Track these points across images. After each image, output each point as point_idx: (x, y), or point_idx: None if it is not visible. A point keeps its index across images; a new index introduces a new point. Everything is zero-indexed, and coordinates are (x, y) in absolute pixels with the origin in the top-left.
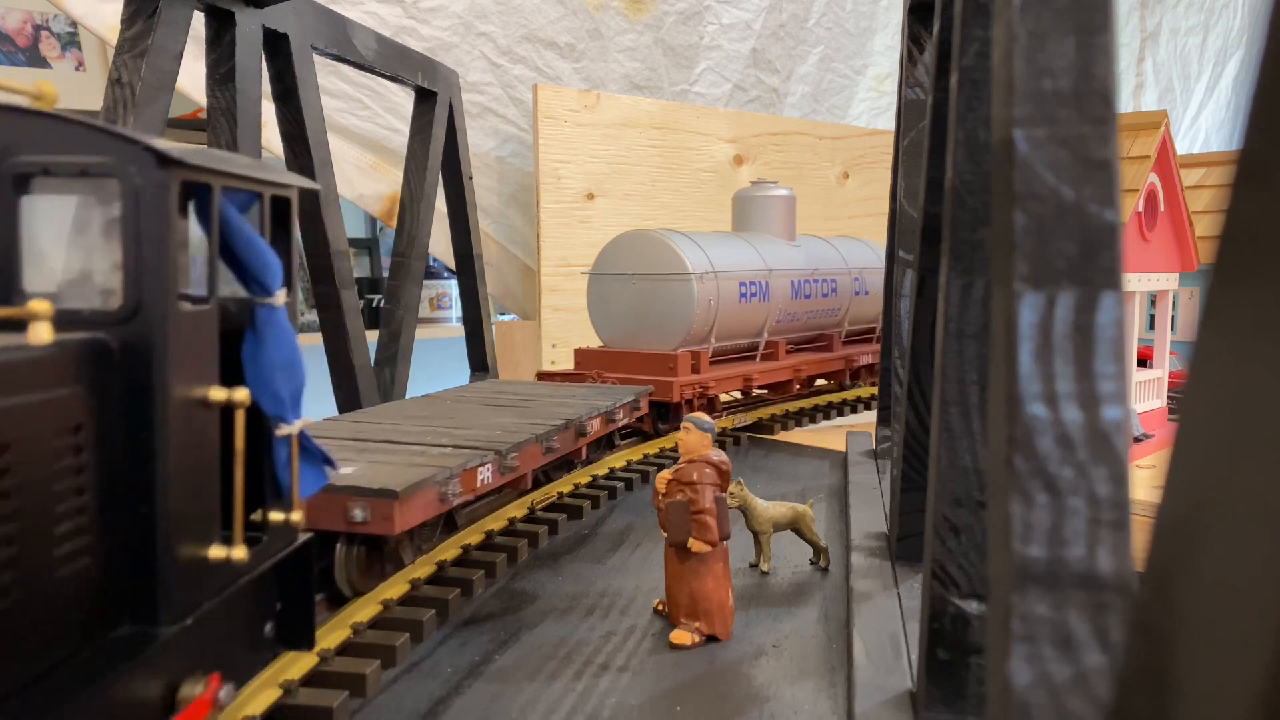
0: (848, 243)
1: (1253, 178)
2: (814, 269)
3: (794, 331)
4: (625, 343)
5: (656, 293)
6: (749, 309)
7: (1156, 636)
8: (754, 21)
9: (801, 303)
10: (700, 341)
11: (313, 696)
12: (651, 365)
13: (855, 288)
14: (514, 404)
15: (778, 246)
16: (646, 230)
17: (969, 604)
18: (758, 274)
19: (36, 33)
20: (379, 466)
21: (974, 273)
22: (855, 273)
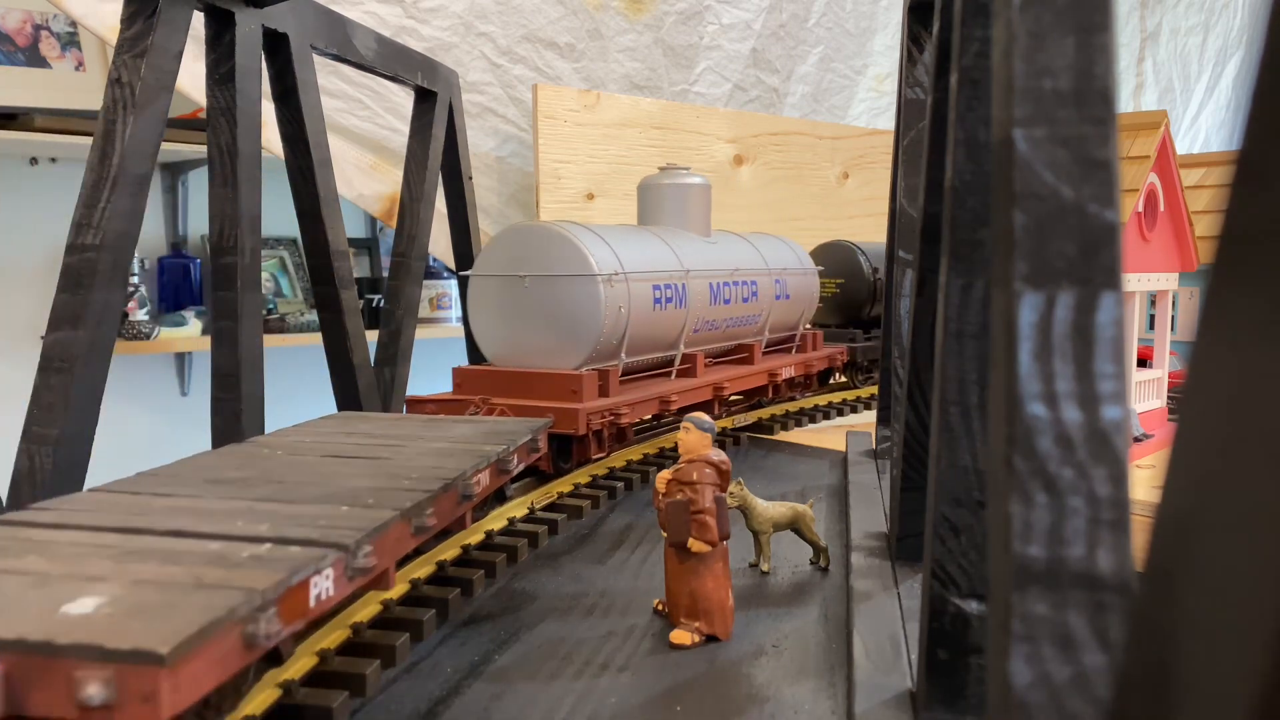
0: (767, 240)
1: (1253, 178)
2: (734, 269)
3: (712, 342)
4: (517, 360)
5: (555, 298)
6: (664, 317)
7: (1156, 636)
8: (754, 21)
9: (721, 309)
10: (609, 357)
11: (313, 696)
12: (550, 388)
13: (776, 291)
14: (371, 453)
15: (694, 243)
16: (541, 222)
17: (969, 604)
18: (673, 275)
19: (36, 33)
20: (141, 591)
21: (974, 273)
22: (776, 274)
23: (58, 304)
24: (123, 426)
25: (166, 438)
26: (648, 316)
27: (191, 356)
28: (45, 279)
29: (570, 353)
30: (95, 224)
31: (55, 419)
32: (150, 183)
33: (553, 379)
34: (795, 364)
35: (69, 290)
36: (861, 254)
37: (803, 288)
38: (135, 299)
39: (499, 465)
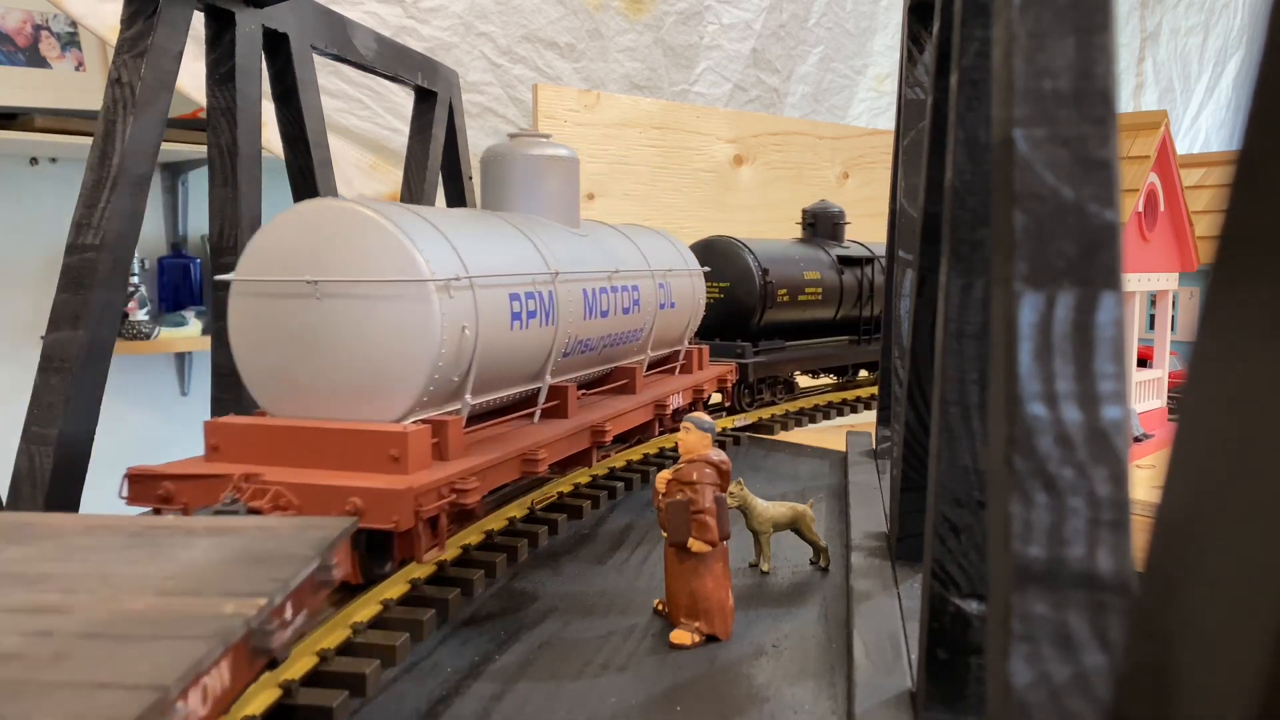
0: (644, 234)
1: (1253, 178)
2: (612, 271)
3: (586, 368)
4: (304, 409)
5: (364, 316)
6: (526, 338)
7: (1156, 636)
8: (754, 21)
9: (597, 323)
10: (447, 400)
11: (313, 696)
12: (357, 453)
13: (660, 298)
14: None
15: (561, 237)
16: (342, 201)
17: (969, 604)
18: (538, 280)
19: (36, 33)
20: None
21: (974, 273)
22: (660, 276)
23: (58, 304)
24: (123, 426)
25: (166, 438)
26: (504, 338)
27: (191, 356)
28: (45, 279)
29: (388, 397)
30: (95, 224)
31: (55, 419)
32: (150, 183)
33: (361, 439)
34: (684, 390)
35: (69, 290)
36: (749, 253)
37: (688, 293)
38: (135, 299)
39: (250, 643)
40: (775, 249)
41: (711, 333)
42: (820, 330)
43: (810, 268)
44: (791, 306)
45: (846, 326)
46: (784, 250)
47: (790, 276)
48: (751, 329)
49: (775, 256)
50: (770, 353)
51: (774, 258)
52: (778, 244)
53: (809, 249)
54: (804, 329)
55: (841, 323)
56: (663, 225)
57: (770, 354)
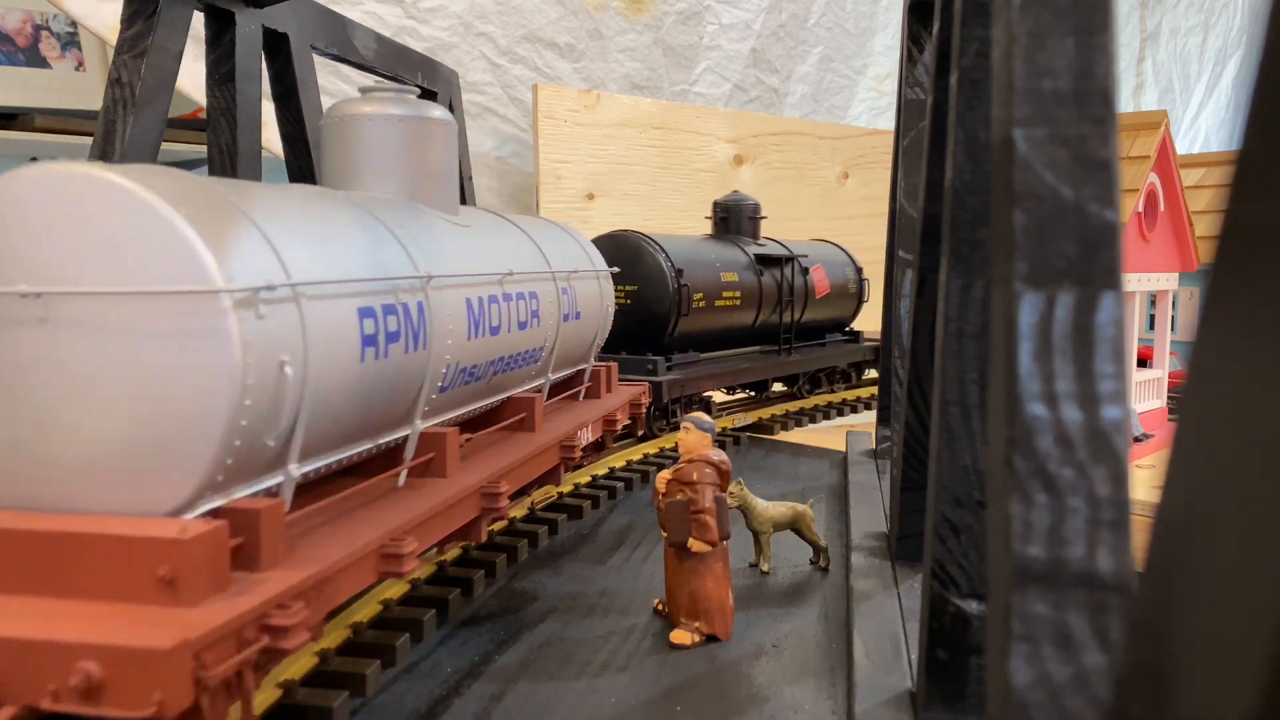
0: (540, 226)
1: (1252, 178)
2: (505, 273)
3: (471, 403)
4: (23, 495)
5: (117, 348)
6: (385, 370)
7: (1156, 636)
8: (754, 21)
9: (485, 344)
10: (259, 473)
11: (312, 696)
12: (100, 572)
13: (565, 307)
14: None
15: (435, 228)
16: (78, 167)
17: (969, 604)
18: (402, 288)
19: (36, 33)
20: None
21: (974, 273)
22: (564, 279)
23: None
24: None
25: None
26: (350, 373)
27: None
28: None
29: (157, 477)
30: None
31: None
32: None
33: (108, 550)
34: (593, 421)
35: None
36: (659, 250)
37: (595, 299)
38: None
39: None
40: (687, 246)
41: (615, 345)
42: (737, 340)
43: (727, 268)
44: (708, 313)
45: (765, 335)
46: (697, 248)
47: (706, 278)
48: (664, 340)
49: (688, 255)
50: (686, 368)
51: (687, 257)
52: (688, 240)
53: (724, 247)
54: (720, 339)
55: (760, 331)
56: (663, 225)
57: (686, 369)
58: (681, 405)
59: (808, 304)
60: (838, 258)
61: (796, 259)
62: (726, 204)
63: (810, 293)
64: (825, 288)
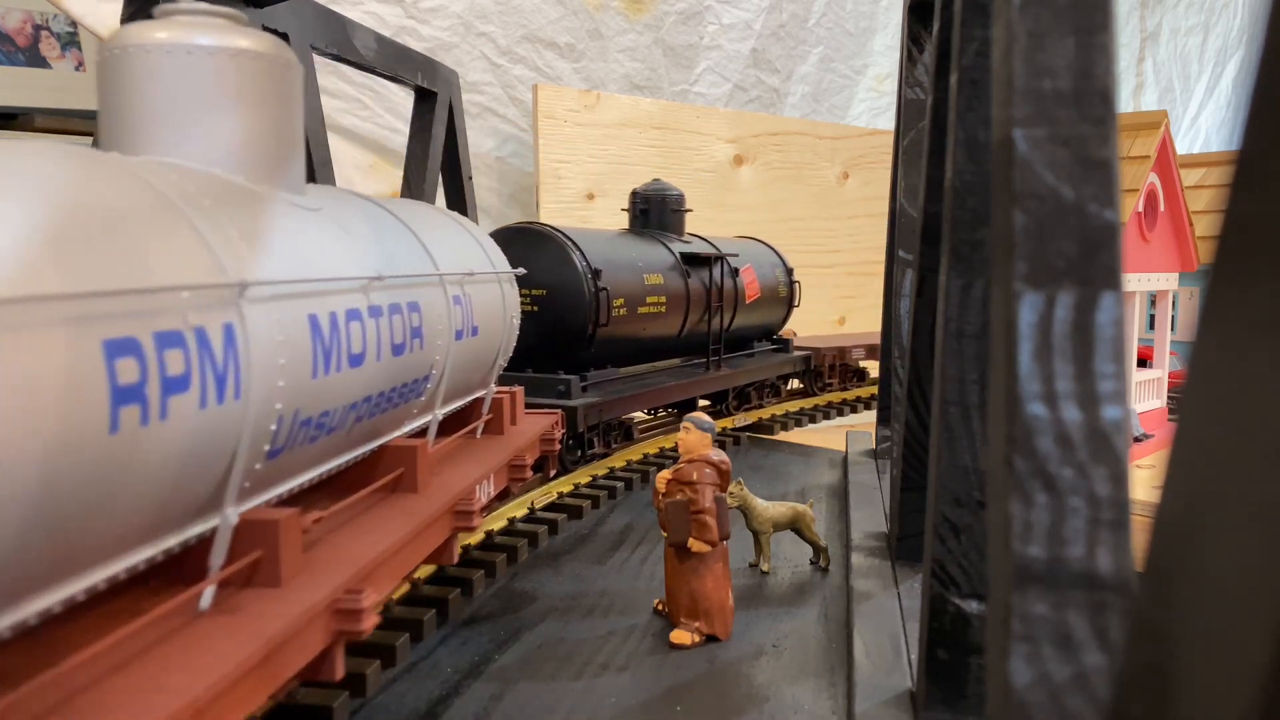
0: (421, 213)
1: (1252, 178)
2: (373, 276)
3: (322, 463)
4: None
5: None
6: (160, 442)
7: (1156, 636)
8: (754, 21)
9: (342, 379)
10: None
11: (313, 696)
12: None
13: (458, 321)
14: None
15: (263, 211)
16: None
17: (969, 604)
18: (194, 304)
19: (36, 33)
20: None
21: (974, 273)
22: (455, 285)
23: None
24: None
25: None
26: (80, 455)
27: None
28: None
29: None
30: None
31: None
32: None
33: None
34: (495, 470)
35: None
36: (573, 248)
37: (497, 309)
38: None
39: None
40: (605, 242)
41: (519, 363)
42: (662, 352)
43: (651, 269)
44: (630, 321)
45: (692, 346)
46: (616, 244)
47: (627, 281)
48: (579, 355)
49: (607, 253)
50: (605, 388)
51: (606, 255)
52: (605, 235)
53: (646, 244)
54: (643, 352)
55: (686, 341)
56: None
57: (605, 390)
58: (600, 433)
59: (738, 309)
60: (767, 257)
61: (725, 258)
62: (647, 194)
63: (740, 296)
64: (755, 291)
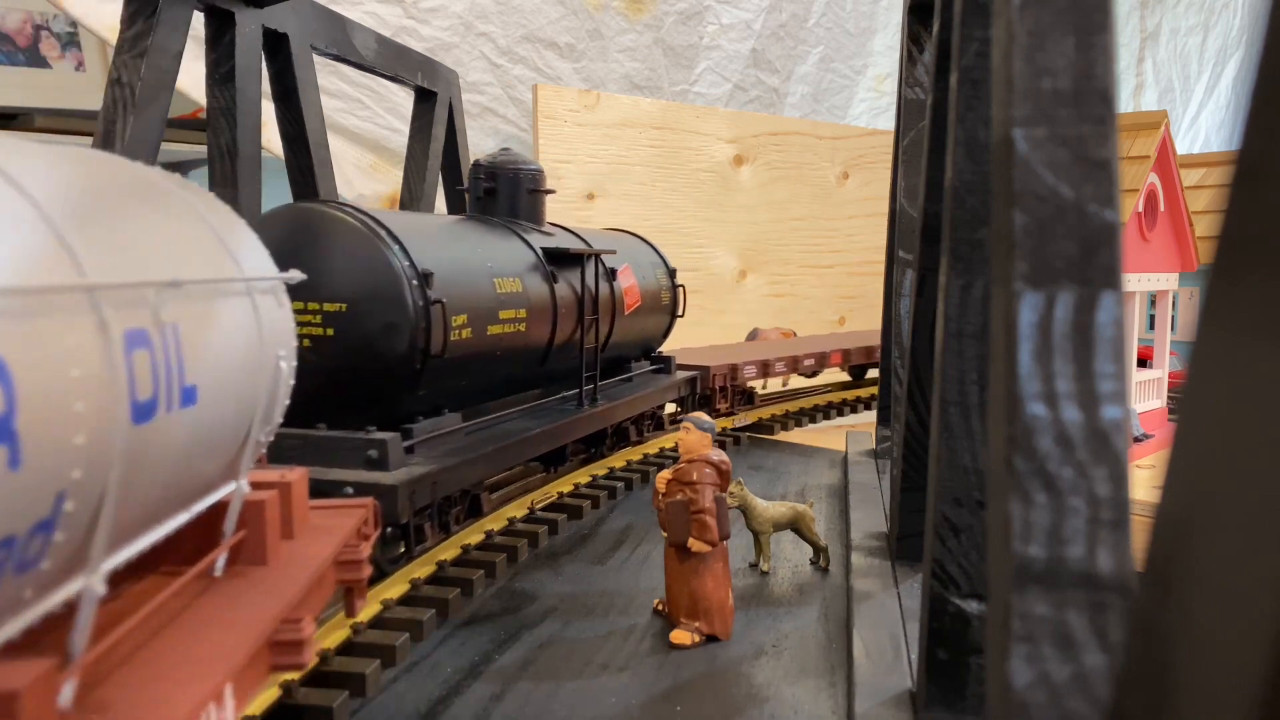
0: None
1: (1252, 178)
2: None
3: None
4: None
5: None
6: None
7: (1156, 636)
8: (754, 21)
9: None
10: None
11: (313, 696)
12: None
13: (144, 381)
14: None
15: None
16: None
17: (969, 604)
18: None
19: (36, 33)
20: None
21: (974, 272)
22: (126, 305)
23: None
24: None
25: None
26: None
27: None
28: None
29: None
30: None
31: None
32: None
33: None
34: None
35: None
36: (388, 240)
37: (244, 339)
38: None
39: None
40: (436, 234)
41: (305, 414)
42: (520, 384)
43: (505, 270)
44: (477, 346)
45: (559, 374)
46: (453, 238)
47: (472, 288)
48: (400, 400)
49: (441, 250)
50: (440, 445)
51: (439, 252)
52: (437, 224)
53: (495, 236)
54: (496, 386)
55: (552, 369)
56: (663, 226)
57: (441, 449)
58: (433, 519)
59: (615, 322)
60: (645, 255)
61: (600, 256)
62: (495, 167)
63: (619, 305)
64: (636, 298)
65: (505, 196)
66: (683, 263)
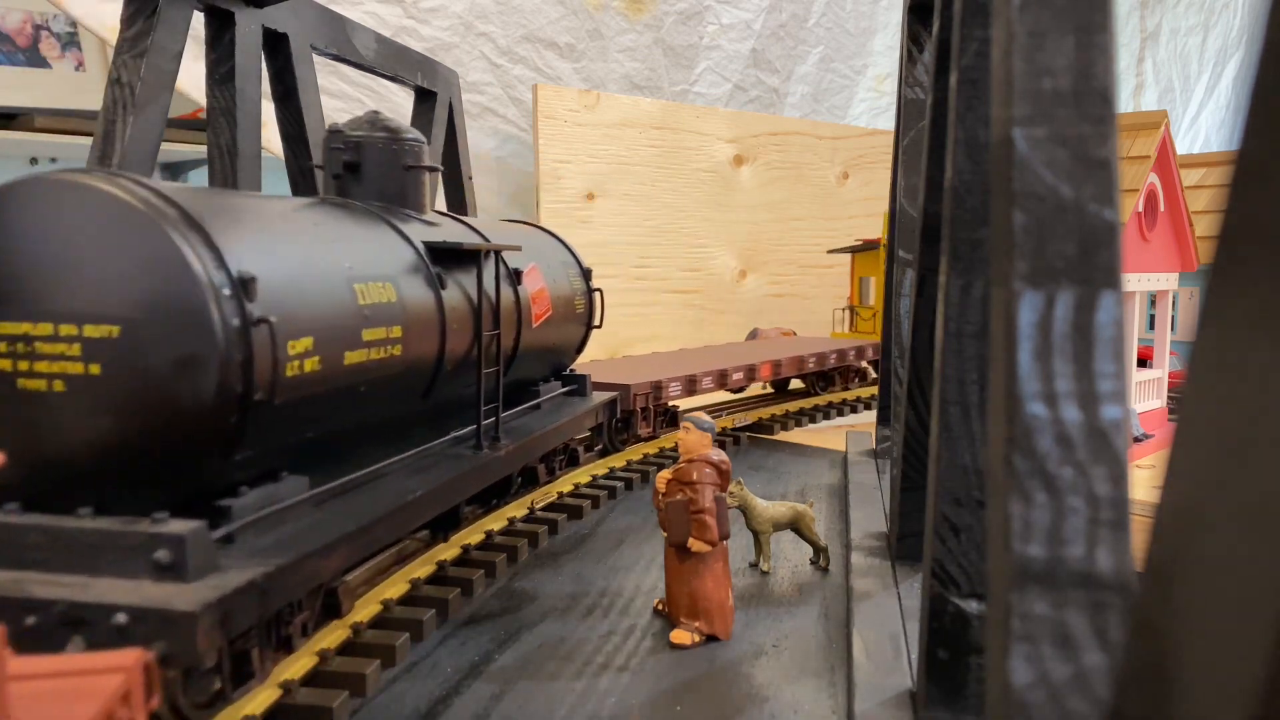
0: None
1: (1252, 178)
2: None
3: None
4: None
5: None
6: None
7: (1156, 635)
8: (754, 21)
9: None
10: None
11: (313, 696)
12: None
13: None
14: None
15: None
16: None
17: (969, 603)
18: None
19: (36, 33)
20: None
21: (974, 272)
22: None
23: None
24: None
25: None
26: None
27: None
28: None
29: None
30: None
31: None
32: None
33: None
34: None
35: None
36: (181, 229)
37: None
38: None
39: None
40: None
41: (52, 493)
42: (394, 430)
43: (368, 275)
44: (329, 380)
45: (448, 410)
46: (289, 226)
47: (321, 300)
48: (209, 469)
49: (268, 245)
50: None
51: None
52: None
53: (357, 226)
54: (361, 433)
55: (439, 404)
56: (663, 226)
57: (276, 540)
58: (263, 642)
59: (522, 337)
60: (555, 252)
61: (500, 255)
62: (358, 136)
63: (526, 316)
64: (546, 305)
65: (374, 174)
66: (683, 263)
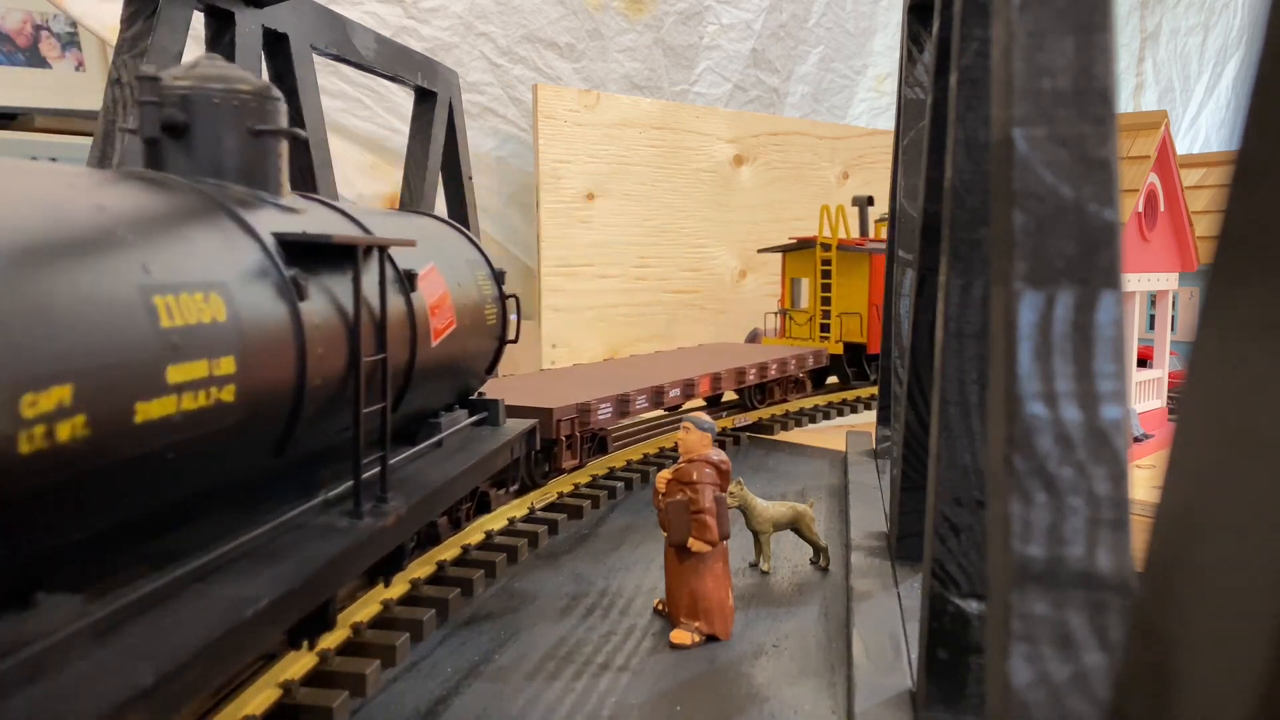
0: None
1: (1252, 178)
2: None
3: None
4: None
5: None
6: None
7: (1156, 635)
8: (754, 21)
9: None
10: None
11: (313, 696)
12: None
13: None
14: None
15: None
16: None
17: (969, 603)
18: None
19: (36, 33)
20: None
21: (974, 272)
22: None
23: None
24: None
25: None
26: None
27: None
28: None
29: None
30: None
31: None
32: None
33: None
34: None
35: None
36: None
37: None
38: None
39: None
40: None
41: None
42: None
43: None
44: (102, 452)
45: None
46: (43, 216)
47: (89, 327)
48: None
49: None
50: (23, 690)
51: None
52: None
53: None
54: (171, 514)
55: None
56: (663, 226)
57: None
58: None
59: (417, 360)
60: (458, 248)
61: (386, 252)
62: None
63: (423, 332)
64: (449, 317)
65: (207, 140)
66: (683, 263)
